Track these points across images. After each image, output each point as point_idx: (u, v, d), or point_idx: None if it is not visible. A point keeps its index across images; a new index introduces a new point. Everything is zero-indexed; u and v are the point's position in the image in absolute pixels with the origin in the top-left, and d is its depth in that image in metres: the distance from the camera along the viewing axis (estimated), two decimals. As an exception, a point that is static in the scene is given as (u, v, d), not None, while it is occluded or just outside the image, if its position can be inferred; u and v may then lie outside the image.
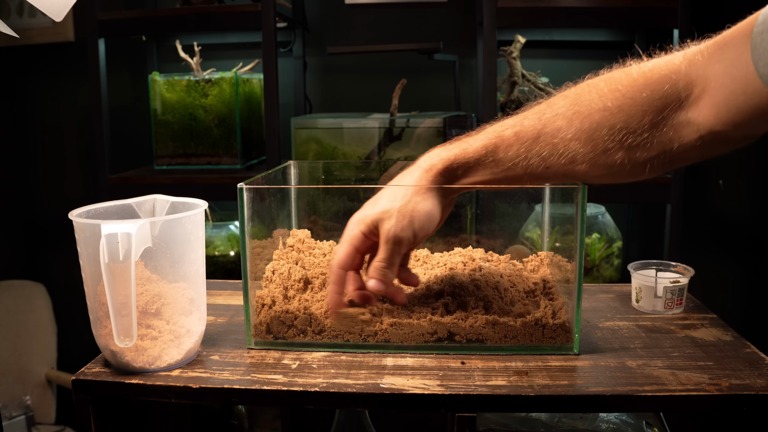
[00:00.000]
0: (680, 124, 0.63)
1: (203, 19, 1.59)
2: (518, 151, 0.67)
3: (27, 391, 1.90)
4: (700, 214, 1.81)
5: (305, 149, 1.64)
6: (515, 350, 0.75)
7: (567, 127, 0.65)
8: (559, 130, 0.66)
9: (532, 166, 0.67)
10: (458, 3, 1.84)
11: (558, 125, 0.66)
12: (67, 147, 2.09)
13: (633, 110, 0.63)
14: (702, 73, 0.61)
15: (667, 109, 0.62)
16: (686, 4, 1.44)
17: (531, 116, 0.68)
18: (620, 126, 0.63)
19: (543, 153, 0.66)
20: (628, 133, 0.63)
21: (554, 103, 0.68)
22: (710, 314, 0.86)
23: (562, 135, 0.65)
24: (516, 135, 0.67)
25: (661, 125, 0.63)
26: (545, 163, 0.67)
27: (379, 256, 0.70)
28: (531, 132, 0.67)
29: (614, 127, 0.64)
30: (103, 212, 0.75)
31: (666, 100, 0.62)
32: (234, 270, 1.67)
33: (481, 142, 0.69)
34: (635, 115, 0.63)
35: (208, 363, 0.73)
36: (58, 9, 0.69)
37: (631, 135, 0.63)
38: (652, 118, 0.63)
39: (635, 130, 0.63)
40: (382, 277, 0.70)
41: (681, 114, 0.63)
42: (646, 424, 0.89)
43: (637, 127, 0.63)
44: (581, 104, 0.65)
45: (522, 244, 0.97)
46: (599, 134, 0.64)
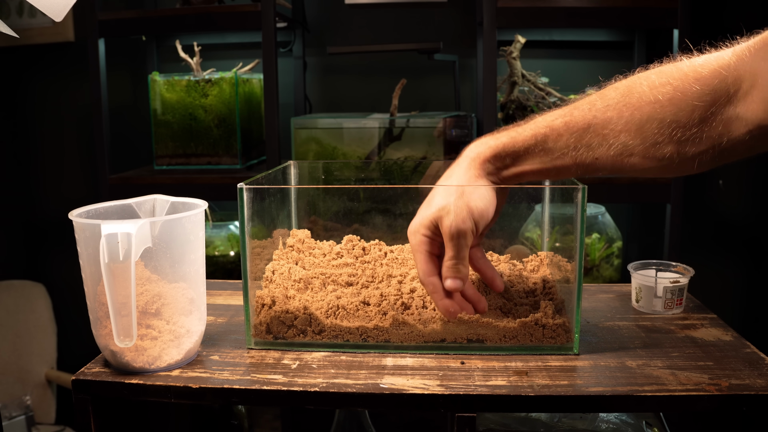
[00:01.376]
0: (729, 119, 0.63)
1: (203, 19, 1.59)
2: (568, 141, 0.67)
3: (27, 391, 1.90)
4: (700, 214, 1.81)
5: (305, 149, 1.64)
6: (515, 350, 0.75)
7: (617, 118, 0.65)
8: (609, 121, 0.66)
9: (581, 156, 0.67)
10: (458, 3, 1.84)
11: (608, 116, 0.66)
12: (67, 147, 2.09)
13: (683, 104, 0.63)
14: (750, 69, 0.61)
15: (716, 104, 0.62)
16: (686, 4, 1.44)
17: (582, 106, 0.68)
18: (670, 119, 0.64)
19: (592, 144, 0.66)
20: (678, 126, 0.63)
21: (605, 94, 0.67)
22: (710, 314, 0.86)
23: (612, 126, 0.66)
24: (566, 125, 0.67)
25: (710, 120, 0.63)
26: (594, 154, 0.67)
27: (448, 254, 0.70)
28: (581, 122, 0.67)
29: (664, 121, 0.64)
30: (103, 212, 0.75)
31: (715, 95, 0.62)
32: (234, 270, 1.67)
33: (530, 131, 0.69)
34: (685, 109, 0.63)
35: (208, 363, 0.73)
36: (58, 9, 0.69)
37: (680, 129, 0.63)
38: (702, 112, 0.63)
39: (685, 124, 0.63)
40: (455, 273, 0.71)
41: (730, 109, 0.63)
42: (646, 424, 0.89)
43: (687, 121, 0.63)
44: (632, 96, 0.65)
45: (522, 244, 0.97)
46: (649, 127, 0.64)
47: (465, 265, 0.71)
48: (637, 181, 1.51)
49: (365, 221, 0.91)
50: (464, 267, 0.71)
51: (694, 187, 1.74)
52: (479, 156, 0.71)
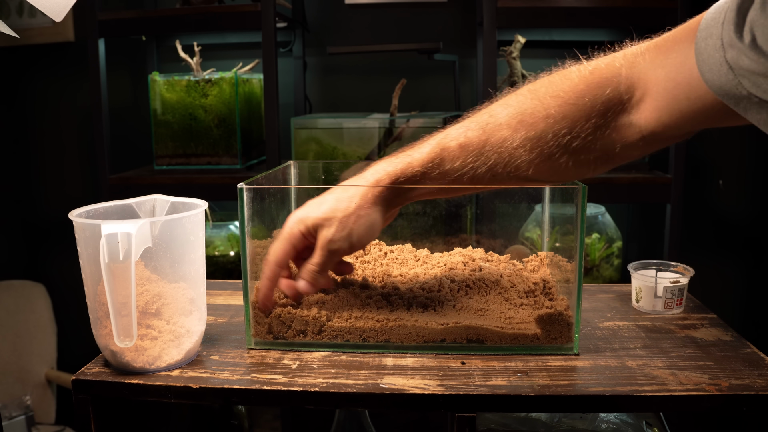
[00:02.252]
0: (623, 126, 0.64)
1: (203, 19, 1.59)
2: (464, 161, 0.68)
3: (27, 391, 1.90)
4: (700, 214, 1.81)
5: (305, 149, 1.64)
6: (515, 350, 0.75)
7: (512, 136, 0.66)
8: (504, 140, 0.66)
9: (479, 175, 0.68)
10: (458, 3, 1.84)
11: (503, 135, 0.66)
12: (67, 147, 2.09)
13: (576, 116, 0.64)
14: (644, 77, 0.62)
15: (609, 113, 0.63)
16: (686, 4, 1.44)
17: (474, 127, 0.68)
18: (564, 131, 0.64)
19: (489, 162, 0.67)
20: (572, 137, 0.64)
21: (496, 112, 0.68)
22: (710, 314, 0.86)
23: (507, 144, 0.66)
24: (461, 146, 0.68)
25: (603, 128, 0.64)
26: (491, 172, 0.67)
27: (314, 260, 0.71)
28: (476, 143, 0.67)
29: (558, 133, 0.64)
30: (103, 212, 0.75)
31: (608, 104, 0.63)
32: (234, 270, 1.67)
33: (426, 155, 0.69)
34: (579, 121, 0.64)
35: (208, 363, 0.73)
36: (58, 9, 0.69)
37: (575, 139, 0.64)
38: (596, 121, 0.64)
39: (579, 134, 0.64)
40: (313, 281, 0.72)
41: (623, 117, 0.63)
42: (646, 424, 0.89)
43: (581, 131, 0.64)
44: (524, 113, 0.66)
45: (522, 244, 0.97)
46: (544, 141, 0.65)
47: (324, 276, 0.73)
48: (637, 181, 1.51)
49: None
50: (323, 278, 0.73)
51: (694, 187, 1.74)
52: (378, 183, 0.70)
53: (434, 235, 0.92)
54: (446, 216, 0.93)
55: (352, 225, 0.69)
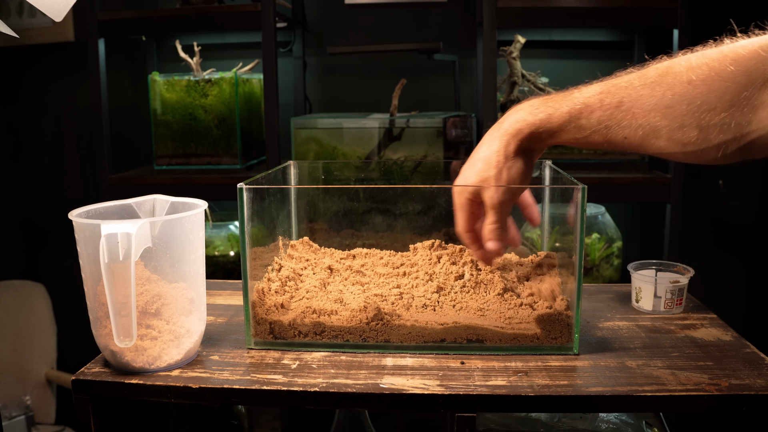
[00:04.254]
0: (761, 104, 0.60)
1: (203, 19, 1.59)
2: (600, 117, 0.67)
3: (27, 391, 1.90)
4: (700, 214, 1.81)
5: (305, 149, 1.64)
6: (515, 350, 0.75)
7: (649, 96, 0.64)
8: (640, 99, 0.65)
9: (612, 134, 0.67)
10: (458, 3, 1.84)
11: (641, 94, 0.65)
12: (67, 147, 2.09)
13: (716, 84, 0.61)
14: None
15: (750, 87, 0.60)
16: (686, 4, 1.44)
17: (620, 83, 0.67)
18: (700, 101, 0.61)
19: (623, 123, 0.66)
20: (707, 109, 0.61)
21: (645, 72, 0.66)
22: (710, 314, 0.86)
23: (642, 104, 0.64)
24: (600, 101, 0.67)
25: (740, 104, 0.60)
26: (623, 133, 0.66)
27: (489, 219, 0.75)
28: (615, 99, 0.66)
29: (693, 101, 0.62)
30: (103, 212, 0.75)
31: (750, 77, 0.60)
32: (234, 270, 1.67)
33: (567, 107, 0.69)
34: (717, 90, 0.61)
35: (207, 363, 0.73)
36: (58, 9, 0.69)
37: (709, 112, 0.61)
38: (733, 95, 0.60)
39: (715, 106, 0.61)
40: (497, 236, 0.75)
41: (764, 94, 0.60)
42: (646, 424, 0.89)
43: (717, 103, 0.61)
44: (668, 75, 0.64)
45: (522, 244, 0.97)
46: (678, 107, 0.62)
47: (505, 229, 0.76)
48: (637, 181, 1.51)
49: (365, 221, 0.91)
50: (504, 231, 0.76)
51: (694, 187, 1.74)
52: (519, 133, 0.72)
53: (434, 234, 0.92)
54: (446, 216, 0.92)
55: (506, 180, 0.73)
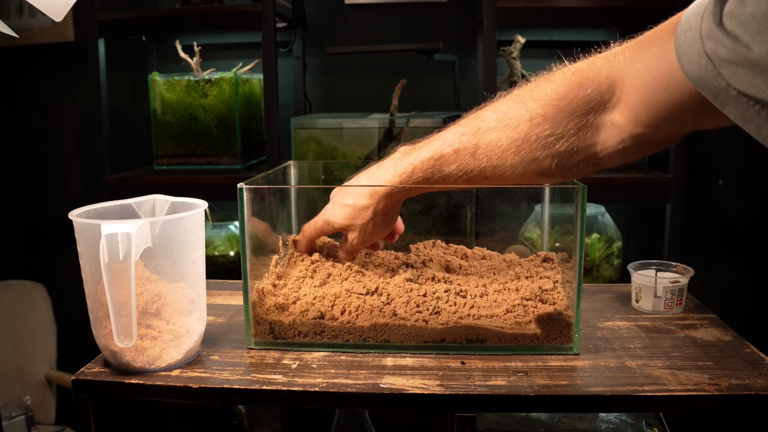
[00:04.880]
0: (603, 126, 0.65)
1: (203, 19, 1.59)
2: (459, 166, 0.72)
3: (27, 391, 1.90)
4: (700, 214, 1.81)
5: (305, 149, 1.64)
6: (515, 350, 0.75)
7: (497, 140, 0.69)
8: (492, 143, 0.69)
9: (473, 178, 0.72)
10: (458, 3, 1.84)
11: (491, 138, 0.70)
12: (67, 147, 2.09)
13: (558, 117, 0.66)
14: (623, 74, 0.63)
15: (591, 113, 0.65)
16: (686, 4, 1.44)
17: (467, 132, 0.72)
18: (547, 134, 0.66)
19: (481, 165, 0.71)
20: (555, 139, 0.66)
21: (486, 117, 0.71)
22: (710, 314, 0.86)
23: (495, 147, 0.69)
24: (455, 152, 0.72)
25: (586, 129, 0.65)
26: (483, 175, 0.71)
27: (348, 247, 0.83)
28: (469, 147, 0.71)
29: (541, 135, 0.66)
30: (103, 212, 0.75)
31: (590, 104, 0.64)
32: (234, 270, 1.67)
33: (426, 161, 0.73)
34: (561, 122, 0.66)
35: (208, 363, 0.73)
36: (58, 9, 0.69)
37: (558, 141, 0.66)
38: (577, 122, 0.65)
39: (561, 135, 0.66)
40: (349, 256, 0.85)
41: (605, 116, 0.65)
42: (645, 424, 0.89)
43: (563, 132, 0.66)
44: (510, 117, 0.68)
45: (522, 244, 0.98)
46: (528, 143, 0.67)
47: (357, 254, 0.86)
48: (637, 181, 1.51)
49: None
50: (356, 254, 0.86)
51: (694, 187, 1.74)
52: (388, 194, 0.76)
53: (434, 234, 0.92)
54: (446, 216, 0.93)
55: (371, 229, 0.79)
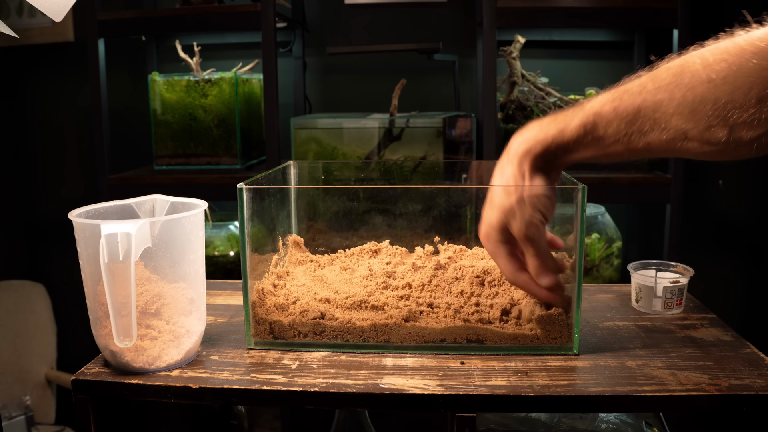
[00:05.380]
0: None
1: (203, 19, 1.59)
2: (618, 127, 0.64)
3: (27, 391, 1.90)
4: (700, 214, 1.81)
5: (305, 149, 1.64)
6: (515, 350, 0.75)
7: (669, 100, 0.61)
8: (660, 104, 0.62)
9: (634, 142, 0.64)
10: (458, 3, 1.84)
11: (659, 98, 0.62)
12: (67, 147, 2.09)
13: (739, 81, 0.58)
14: None
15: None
16: (686, 4, 1.44)
17: (632, 89, 0.64)
18: (725, 100, 0.59)
19: (644, 128, 0.63)
20: (733, 107, 0.58)
21: (657, 75, 0.63)
22: (710, 314, 0.86)
23: (663, 109, 0.62)
24: (615, 110, 0.64)
25: None
26: (646, 139, 0.64)
27: (529, 254, 0.70)
28: (631, 107, 0.63)
29: (719, 101, 0.59)
30: (103, 212, 0.75)
31: None
32: (234, 270, 1.67)
33: (578, 119, 0.66)
34: (741, 87, 0.58)
35: (207, 363, 0.73)
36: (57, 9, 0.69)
37: (736, 110, 0.58)
38: (759, 91, 0.57)
39: (741, 104, 0.58)
40: (545, 269, 0.70)
41: None
42: (645, 424, 0.89)
43: (744, 101, 0.58)
44: (684, 76, 0.61)
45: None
46: (702, 108, 0.60)
47: (550, 257, 0.71)
48: (637, 181, 1.51)
49: (365, 221, 0.91)
50: (550, 260, 0.71)
51: (694, 187, 1.74)
52: (529, 152, 0.69)
53: (434, 234, 0.92)
54: (446, 216, 0.93)
55: (530, 203, 0.68)
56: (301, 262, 0.90)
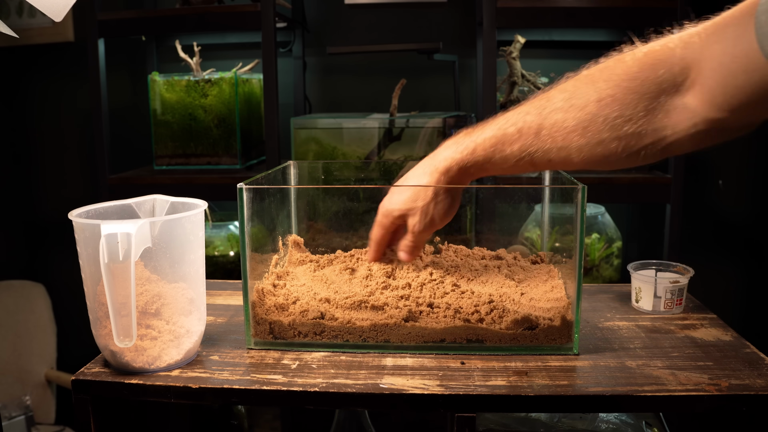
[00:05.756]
0: (675, 109, 0.63)
1: (203, 19, 1.59)
2: (522, 146, 0.70)
3: (27, 391, 1.90)
4: (700, 214, 1.81)
5: (305, 149, 1.64)
6: (515, 350, 0.75)
7: (563, 120, 0.67)
8: (558, 124, 0.67)
9: (536, 159, 0.70)
10: (458, 3, 1.84)
11: (557, 119, 0.68)
12: (67, 147, 2.09)
13: (627, 98, 0.64)
14: (698, 56, 0.61)
15: (662, 95, 0.63)
16: (686, 5, 1.44)
17: (532, 111, 0.70)
18: (615, 115, 0.64)
19: (545, 147, 0.69)
20: (623, 121, 0.64)
21: (552, 96, 0.69)
22: (710, 314, 0.86)
23: (561, 128, 0.67)
24: (519, 131, 0.70)
25: (656, 111, 0.63)
26: (547, 157, 0.69)
27: (409, 239, 0.80)
28: (533, 127, 0.69)
29: (609, 117, 0.65)
30: (103, 212, 0.75)
31: (661, 86, 0.62)
32: (234, 270, 1.67)
33: (488, 140, 0.72)
34: (630, 103, 0.64)
35: (207, 363, 0.73)
36: (57, 9, 0.69)
37: (626, 123, 0.64)
38: (647, 104, 0.63)
39: (630, 117, 0.64)
40: (411, 252, 0.81)
41: (676, 99, 0.63)
42: (645, 424, 0.89)
43: (632, 114, 0.64)
44: (578, 97, 0.67)
45: (522, 244, 0.97)
46: (595, 125, 0.65)
47: (420, 248, 0.82)
48: (637, 181, 1.51)
49: (365, 221, 0.91)
50: (418, 250, 0.82)
51: (694, 187, 1.74)
52: (448, 171, 0.75)
53: (434, 234, 0.92)
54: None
55: (432, 212, 0.77)
56: (301, 262, 0.90)
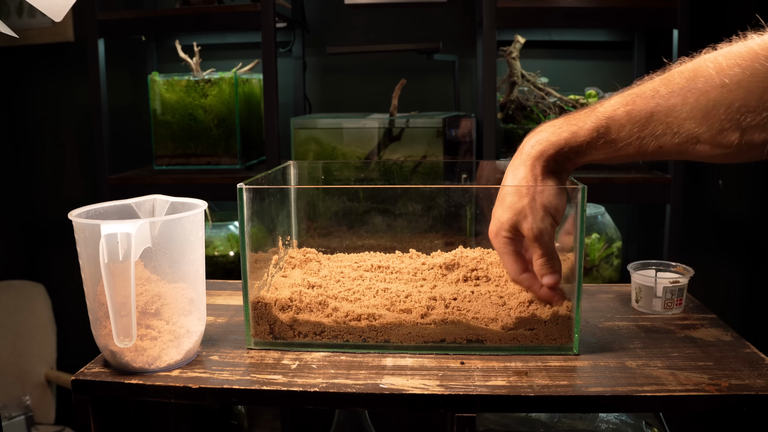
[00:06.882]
0: None
1: (203, 20, 1.59)
2: (631, 130, 0.65)
3: (27, 391, 1.90)
4: (700, 214, 1.81)
5: (305, 149, 1.64)
6: (515, 350, 0.75)
7: (681, 105, 0.62)
8: (673, 108, 0.63)
9: (645, 145, 0.65)
10: (458, 3, 1.84)
11: (672, 103, 0.63)
12: (67, 147, 2.09)
13: (752, 86, 0.58)
14: None
15: None
16: (686, 4, 1.44)
17: (645, 93, 0.65)
18: (738, 104, 0.59)
19: (656, 132, 0.64)
20: (746, 111, 0.59)
21: (670, 79, 0.64)
22: (710, 314, 0.86)
23: (676, 114, 0.62)
24: (628, 114, 0.65)
25: None
26: (658, 143, 0.64)
27: (536, 254, 0.72)
28: (644, 110, 0.64)
29: (732, 106, 0.60)
30: (103, 212, 0.75)
31: None
32: (234, 270, 1.67)
33: (591, 123, 0.67)
34: (755, 92, 0.58)
35: (207, 363, 0.73)
36: (57, 9, 0.69)
37: (749, 114, 0.59)
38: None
39: (755, 108, 0.59)
40: (550, 269, 0.72)
41: None
42: (645, 424, 0.89)
43: (757, 105, 0.59)
44: (698, 80, 0.61)
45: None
46: (715, 113, 0.60)
47: (556, 258, 0.72)
48: (637, 181, 1.51)
49: (365, 221, 0.91)
50: (556, 261, 0.73)
51: (693, 187, 1.74)
52: (542, 155, 0.70)
53: (434, 234, 0.92)
54: (446, 216, 0.93)
55: (541, 204, 0.70)
56: (301, 262, 0.90)
